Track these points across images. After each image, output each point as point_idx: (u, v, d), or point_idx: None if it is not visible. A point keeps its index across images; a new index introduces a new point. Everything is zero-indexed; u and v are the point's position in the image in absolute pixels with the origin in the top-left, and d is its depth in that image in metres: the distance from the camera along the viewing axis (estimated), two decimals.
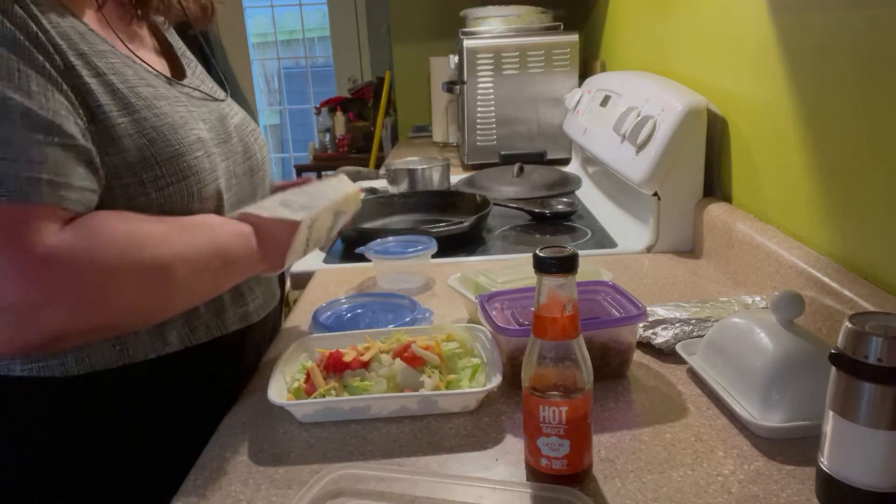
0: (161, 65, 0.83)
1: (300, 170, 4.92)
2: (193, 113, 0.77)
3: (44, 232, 0.58)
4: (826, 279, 0.82)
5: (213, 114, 0.82)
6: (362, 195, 0.92)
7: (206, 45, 0.95)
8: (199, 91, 0.83)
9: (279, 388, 0.73)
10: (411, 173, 1.65)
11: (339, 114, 4.87)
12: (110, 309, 0.63)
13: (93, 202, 0.65)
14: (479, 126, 1.99)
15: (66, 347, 0.69)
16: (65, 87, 0.64)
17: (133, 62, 0.74)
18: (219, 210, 0.78)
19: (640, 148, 1.20)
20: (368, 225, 1.42)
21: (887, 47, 0.74)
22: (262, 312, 0.86)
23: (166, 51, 0.87)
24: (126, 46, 0.77)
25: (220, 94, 0.88)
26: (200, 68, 0.91)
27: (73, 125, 0.63)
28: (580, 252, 0.57)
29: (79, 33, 0.69)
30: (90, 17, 0.73)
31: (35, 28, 0.63)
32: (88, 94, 0.66)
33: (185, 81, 0.82)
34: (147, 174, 0.68)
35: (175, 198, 0.70)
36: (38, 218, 0.59)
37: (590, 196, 1.63)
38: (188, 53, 0.91)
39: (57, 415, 0.72)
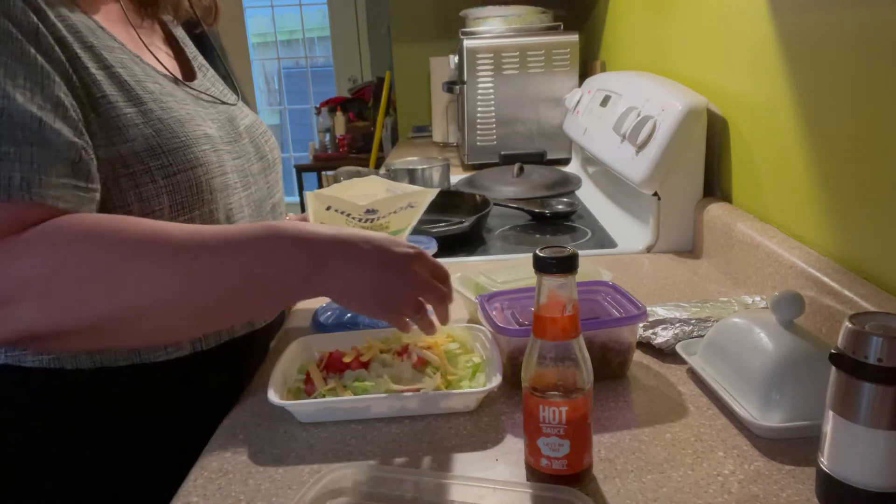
0: (172, 66, 0.83)
1: (300, 170, 4.92)
2: (200, 112, 0.78)
3: (16, 229, 0.59)
4: (826, 279, 0.82)
5: (222, 115, 0.82)
6: None
7: (216, 46, 0.95)
8: (208, 94, 0.83)
9: (279, 389, 0.73)
10: (411, 173, 1.65)
11: (339, 114, 4.87)
12: (83, 314, 0.61)
13: (82, 199, 0.63)
14: (479, 126, 1.99)
15: (43, 348, 0.69)
16: (57, 80, 0.63)
17: (141, 61, 0.75)
18: (234, 204, 0.78)
19: (640, 148, 1.20)
20: None
21: (888, 47, 0.74)
22: (271, 316, 0.86)
23: (178, 54, 0.88)
24: (142, 42, 0.77)
25: (231, 98, 0.88)
26: (212, 73, 0.91)
27: (61, 120, 0.62)
28: (580, 252, 0.57)
29: (88, 28, 0.70)
30: (102, 17, 0.74)
31: (35, 20, 0.63)
32: (94, 84, 0.67)
33: (195, 84, 0.83)
34: (154, 162, 0.69)
35: (183, 186, 0.71)
36: (12, 214, 0.59)
37: (590, 196, 1.63)
38: (200, 58, 0.91)
39: (64, 406, 0.73)
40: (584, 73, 2.07)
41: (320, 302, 0.98)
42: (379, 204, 0.77)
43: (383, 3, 3.18)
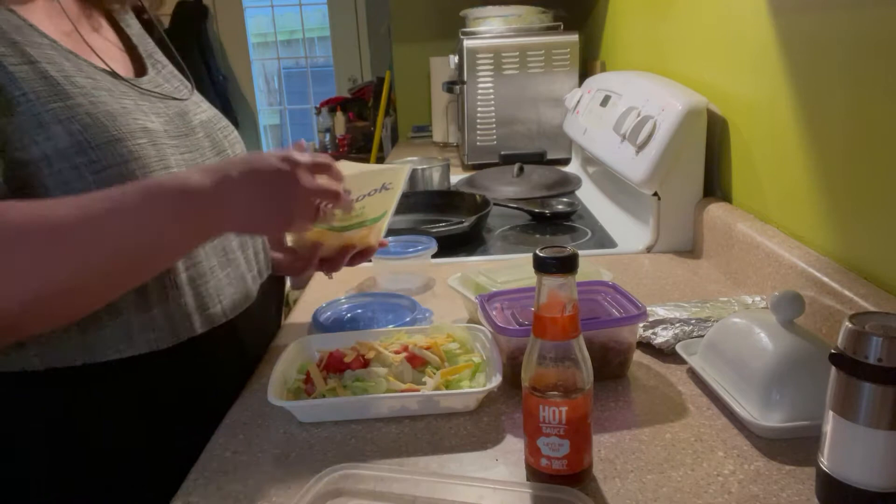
0: (123, 62, 0.82)
1: None
2: (143, 107, 0.76)
3: None
4: (826, 279, 0.82)
5: (172, 109, 0.80)
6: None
7: (162, 32, 0.93)
8: (157, 92, 0.81)
9: (279, 388, 0.73)
10: (411, 173, 1.65)
11: (339, 114, 4.87)
12: None
13: None
14: (479, 126, 1.99)
15: None
16: None
17: (76, 57, 0.73)
18: None
19: (640, 148, 1.20)
20: None
21: (887, 47, 0.74)
22: (232, 313, 0.82)
23: (131, 51, 0.86)
24: (81, 37, 0.75)
25: (185, 93, 0.86)
26: (168, 69, 0.89)
27: None
28: (580, 252, 0.57)
29: (12, 25, 0.68)
30: (34, 12, 0.72)
31: None
32: (11, 83, 0.66)
33: (144, 80, 0.81)
34: (81, 158, 0.67)
35: (115, 181, 0.68)
36: None
37: (590, 196, 1.63)
38: (157, 55, 0.89)
39: (18, 410, 0.71)
40: (584, 73, 2.07)
41: (320, 302, 0.99)
42: (351, 183, 0.76)
43: (383, 3, 3.19)
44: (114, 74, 0.77)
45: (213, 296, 0.79)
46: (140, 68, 0.85)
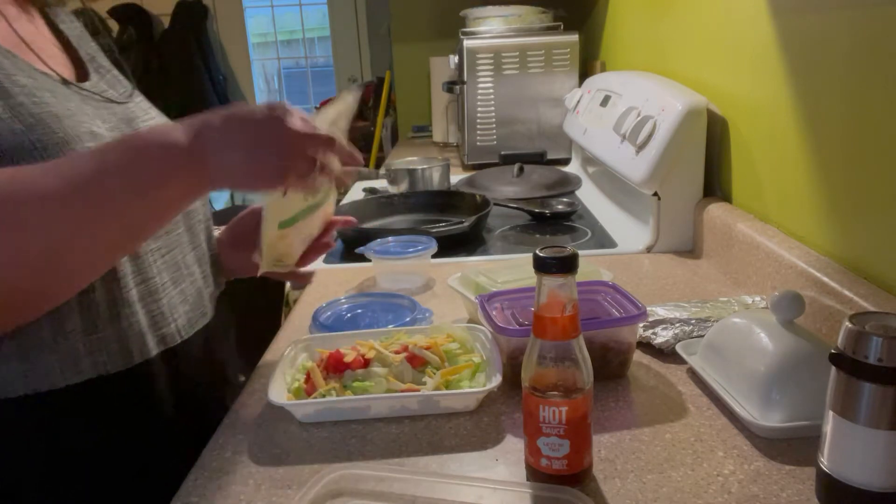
0: (65, 66, 0.78)
1: None
2: (87, 110, 0.72)
3: None
4: (826, 279, 0.82)
5: (117, 116, 0.77)
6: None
7: (99, 23, 0.90)
8: (101, 96, 0.77)
9: (279, 388, 0.73)
10: (411, 173, 1.65)
11: None
12: None
13: None
14: (479, 126, 1.99)
15: None
16: None
17: (14, 56, 0.69)
18: None
19: (640, 148, 1.20)
20: (368, 225, 1.42)
21: (887, 47, 0.74)
22: (187, 332, 0.79)
23: (71, 54, 0.82)
24: (24, 43, 0.72)
25: (129, 97, 0.83)
26: (113, 74, 0.85)
27: None
28: (580, 252, 0.57)
29: None
30: None
31: None
32: None
33: (87, 85, 0.77)
34: (26, 160, 0.63)
35: None
36: None
37: (590, 196, 1.63)
38: (100, 58, 0.85)
39: None
40: (584, 73, 2.07)
41: (320, 302, 0.99)
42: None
43: (383, 3, 3.18)
44: (60, 79, 0.73)
45: (167, 314, 0.75)
46: (82, 73, 0.80)
